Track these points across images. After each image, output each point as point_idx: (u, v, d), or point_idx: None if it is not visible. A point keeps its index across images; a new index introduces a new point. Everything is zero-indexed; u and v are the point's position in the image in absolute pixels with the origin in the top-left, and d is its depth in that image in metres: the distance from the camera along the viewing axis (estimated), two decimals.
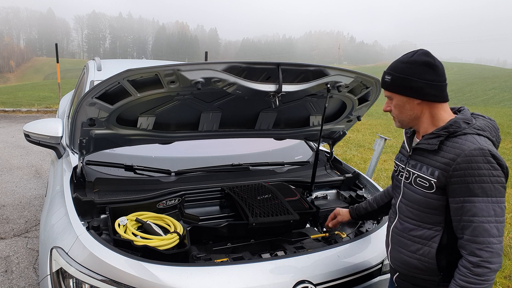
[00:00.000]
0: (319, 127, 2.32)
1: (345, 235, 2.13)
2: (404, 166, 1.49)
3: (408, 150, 1.49)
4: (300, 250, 1.89)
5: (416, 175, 1.41)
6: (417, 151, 1.43)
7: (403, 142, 1.57)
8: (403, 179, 1.49)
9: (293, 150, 3.02)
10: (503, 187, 1.26)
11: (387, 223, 1.63)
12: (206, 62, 1.69)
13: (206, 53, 8.20)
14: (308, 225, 2.26)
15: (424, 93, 1.33)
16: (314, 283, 1.61)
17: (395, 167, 1.58)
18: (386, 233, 1.60)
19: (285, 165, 2.70)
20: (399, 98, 1.38)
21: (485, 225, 1.23)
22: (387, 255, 1.58)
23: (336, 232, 2.13)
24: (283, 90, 1.84)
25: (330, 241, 2.03)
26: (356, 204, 1.97)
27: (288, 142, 2.96)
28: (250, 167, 2.53)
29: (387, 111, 1.46)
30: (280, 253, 1.88)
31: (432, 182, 1.34)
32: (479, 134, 1.30)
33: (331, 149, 2.82)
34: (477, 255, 1.23)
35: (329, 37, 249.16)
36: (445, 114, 1.37)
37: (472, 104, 25.85)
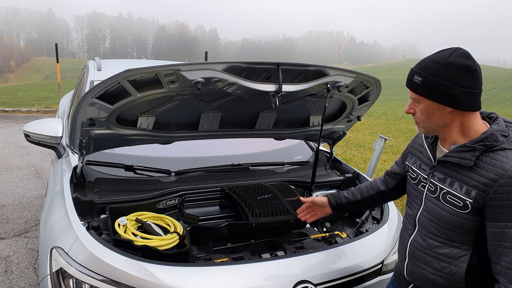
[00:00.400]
0: (319, 127, 2.32)
1: (345, 235, 2.13)
2: (426, 177, 1.36)
3: (432, 160, 1.35)
4: (300, 250, 1.89)
5: (445, 191, 1.27)
6: (446, 163, 1.28)
7: (420, 146, 1.44)
8: (425, 190, 1.36)
9: (293, 150, 3.02)
10: None
11: (400, 230, 1.51)
12: (206, 62, 1.69)
13: (206, 53, 8.20)
14: (308, 225, 2.26)
15: (459, 102, 1.17)
16: (314, 283, 1.61)
17: (412, 174, 1.45)
18: (400, 243, 1.49)
19: (285, 165, 2.70)
20: (429, 104, 1.22)
21: None
22: (403, 268, 1.45)
23: (336, 232, 2.13)
24: (283, 90, 1.84)
25: (330, 241, 2.03)
26: (337, 192, 1.81)
27: (288, 142, 2.96)
28: (250, 167, 2.53)
29: (410, 113, 1.31)
30: (280, 253, 1.88)
31: (467, 202, 1.20)
32: None
33: (331, 149, 2.82)
34: None
35: (329, 37, 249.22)
36: (477, 123, 1.23)
37: None
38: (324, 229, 2.28)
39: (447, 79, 1.16)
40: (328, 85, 1.96)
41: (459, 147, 1.23)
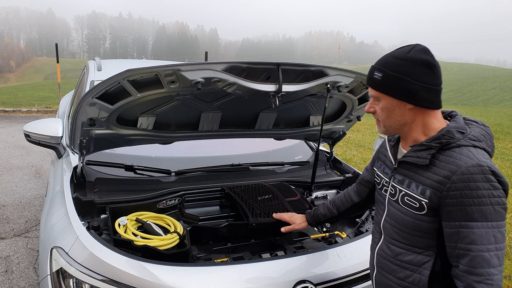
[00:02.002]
0: (319, 127, 2.32)
1: (345, 235, 2.13)
2: (388, 180, 1.31)
3: (393, 162, 1.31)
4: (300, 250, 1.89)
5: (403, 193, 1.23)
6: (404, 164, 1.24)
7: (385, 149, 1.40)
8: (387, 195, 1.31)
9: (293, 150, 3.02)
10: (504, 209, 1.09)
11: (370, 242, 1.46)
12: (206, 62, 1.69)
13: (206, 53, 8.20)
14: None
15: (419, 98, 1.14)
16: (314, 283, 1.61)
17: (377, 179, 1.39)
18: (370, 253, 1.44)
19: (285, 165, 2.70)
20: (389, 101, 1.18)
21: (485, 254, 1.06)
22: (372, 280, 1.41)
23: (336, 232, 2.13)
24: (283, 90, 1.84)
25: (330, 241, 2.03)
26: (314, 209, 1.78)
27: (288, 142, 2.96)
28: (250, 167, 2.53)
29: (370, 112, 1.26)
30: (280, 253, 1.88)
31: (423, 202, 1.16)
32: (475, 146, 1.13)
33: (331, 149, 2.82)
34: (474, 287, 1.07)
35: (329, 37, 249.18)
36: (437, 122, 1.19)
37: (472, 104, 25.85)
38: (324, 229, 2.28)
39: (407, 74, 1.13)
40: (328, 85, 1.96)
41: (416, 146, 1.20)
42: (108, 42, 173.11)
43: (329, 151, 2.85)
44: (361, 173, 2.59)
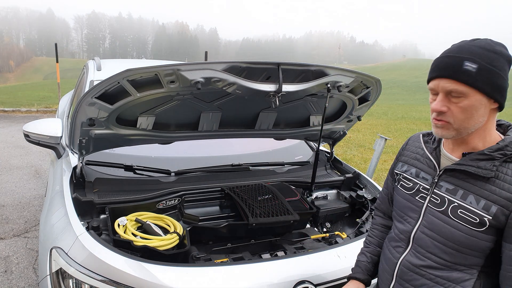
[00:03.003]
0: (319, 127, 2.32)
1: (345, 235, 2.13)
2: (428, 187, 1.18)
3: (437, 167, 1.17)
4: (300, 250, 1.89)
5: (456, 204, 1.09)
6: (457, 172, 1.11)
7: (419, 150, 1.27)
8: (425, 203, 1.18)
9: (293, 150, 3.01)
10: None
11: (382, 250, 1.35)
12: (206, 62, 1.68)
13: (206, 53, 8.18)
14: (308, 226, 2.26)
15: (505, 96, 1.03)
16: (314, 283, 1.61)
17: (406, 183, 1.27)
18: (385, 262, 1.31)
19: (285, 165, 2.69)
20: (478, 98, 1.01)
21: None
22: None
23: (336, 233, 2.13)
24: (283, 90, 1.83)
25: (330, 241, 2.03)
26: (362, 267, 1.46)
27: (288, 142, 2.96)
28: (250, 167, 2.52)
29: (442, 111, 1.05)
30: (280, 253, 1.87)
31: (485, 219, 1.04)
32: None
33: (331, 149, 2.81)
34: None
35: (329, 37, 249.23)
36: (494, 129, 1.09)
37: None
38: (324, 229, 2.27)
39: (501, 68, 1.00)
40: (328, 85, 1.96)
41: (474, 154, 1.07)
42: (107, 42, 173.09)
43: (329, 151, 2.84)
44: (361, 173, 2.60)
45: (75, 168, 2.13)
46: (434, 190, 1.16)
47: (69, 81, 21.16)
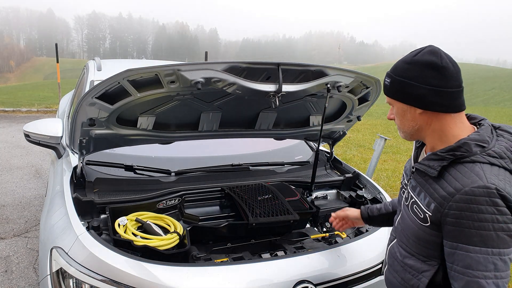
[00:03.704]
0: (319, 127, 2.32)
1: (345, 235, 2.13)
2: (406, 183, 1.29)
3: (413, 166, 1.25)
4: (300, 250, 1.89)
5: (413, 200, 1.19)
6: (419, 171, 1.20)
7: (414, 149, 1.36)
8: (403, 197, 1.29)
9: (293, 150, 3.02)
10: (508, 235, 0.99)
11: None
12: (206, 62, 1.68)
13: (206, 53, 8.20)
14: (308, 225, 2.26)
15: (428, 102, 1.08)
16: (314, 283, 1.61)
17: (402, 179, 1.38)
18: (386, 249, 1.44)
19: (285, 165, 2.70)
20: (399, 106, 1.16)
21: (481, 281, 1.00)
22: (384, 273, 1.44)
23: (336, 232, 2.13)
24: (283, 90, 1.83)
25: (330, 241, 2.03)
26: (369, 206, 1.72)
27: (288, 142, 2.96)
28: (250, 167, 2.53)
29: (391, 119, 1.24)
30: (280, 253, 1.88)
31: (426, 215, 1.12)
32: (492, 164, 1.03)
33: (331, 149, 2.82)
34: None
35: (329, 37, 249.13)
36: (456, 129, 1.11)
37: (472, 104, 25.87)
38: (324, 229, 2.28)
39: (412, 78, 1.09)
40: (328, 85, 1.96)
41: (430, 154, 1.14)
42: (108, 42, 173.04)
43: (329, 151, 2.84)
44: (361, 173, 2.61)
45: (75, 168, 2.13)
46: (408, 186, 1.26)
47: (69, 81, 21.17)
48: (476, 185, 1.00)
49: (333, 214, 1.82)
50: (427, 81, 1.08)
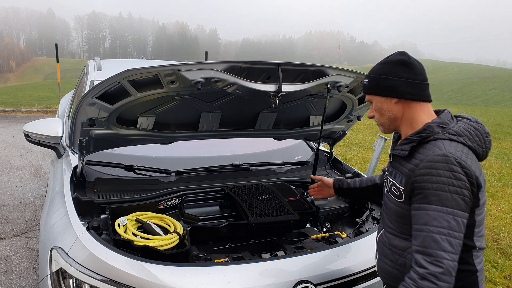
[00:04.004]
0: (319, 127, 2.32)
1: (345, 235, 2.13)
2: (387, 173, 1.44)
3: (389, 154, 1.43)
4: (300, 250, 1.89)
5: (391, 183, 1.36)
6: (395, 157, 1.37)
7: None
8: (384, 187, 1.46)
9: (293, 150, 3.02)
10: (463, 200, 1.15)
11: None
12: (206, 62, 1.68)
13: (206, 53, 8.18)
14: (308, 225, 2.26)
15: (400, 91, 1.28)
16: (314, 283, 1.61)
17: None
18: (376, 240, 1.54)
19: (285, 165, 2.70)
20: (377, 99, 1.35)
21: (435, 236, 1.13)
22: (376, 266, 1.52)
23: (336, 232, 2.14)
24: (283, 90, 1.83)
25: (330, 241, 2.03)
26: (342, 178, 1.97)
27: (288, 142, 2.96)
28: (250, 167, 2.53)
29: (371, 117, 1.41)
30: (280, 253, 1.88)
31: (401, 190, 1.28)
32: (451, 140, 1.22)
33: (331, 149, 2.82)
34: (423, 266, 1.13)
35: (329, 37, 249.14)
36: (424, 116, 1.30)
37: (472, 104, 25.86)
38: (324, 229, 2.28)
39: (386, 73, 1.30)
40: (328, 85, 1.96)
41: (402, 140, 1.32)
42: (108, 42, 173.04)
43: (329, 151, 2.85)
44: (361, 173, 2.61)
45: (75, 168, 2.13)
46: (387, 173, 1.43)
47: (69, 81, 21.18)
48: (436, 154, 1.18)
49: (312, 176, 2.08)
50: (399, 74, 1.29)
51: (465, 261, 1.22)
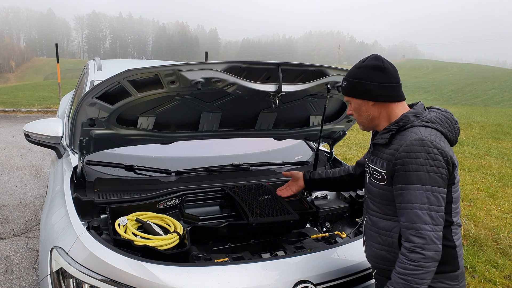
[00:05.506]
0: (319, 127, 2.32)
1: (345, 235, 2.13)
2: (368, 164, 1.55)
3: (370, 144, 1.56)
4: (300, 250, 1.89)
5: (373, 169, 1.47)
6: (375, 147, 1.50)
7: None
8: (367, 175, 1.56)
9: (293, 150, 3.02)
10: (440, 177, 1.29)
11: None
12: (206, 62, 1.68)
13: (206, 53, 8.19)
14: (308, 225, 2.27)
15: (376, 95, 1.40)
16: (314, 283, 1.61)
17: (365, 167, 1.64)
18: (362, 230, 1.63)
19: (285, 165, 2.70)
20: (355, 101, 1.46)
21: (418, 212, 1.27)
22: (365, 253, 1.60)
23: (336, 232, 2.14)
24: (283, 90, 1.84)
25: (330, 241, 2.03)
26: (312, 170, 2.05)
27: (288, 142, 2.96)
28: (250, 167, 2.53)
29: (350, 114, 1.54)
30: (280, 253, 1.88)
31: (383, 173, 1.41)
32: (425, 126, 1.36)
33: (331, 149, 2.82)
34: (410, 240, 1.27)
35: (329, 37, 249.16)
36: (399, 112, 1.43)
37: (472, 104, 25.85)
38: (324, 229, 2.28)
39: (363, 78, 1.41)
40: (328, 85, 1.96)
41: (382, 130, 1.44)
42: (108, 42, 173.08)
43: (329, 151, 2.85)
44: None
45: (75, 168, 2.14)
46: (368, 164, 1.54)
47: (69, 81, 21.18)
48: (413, 139, 1.32)
49: (283, 173, 2.18)
50: (373, 79, 1.40)
51: (445, 237, 1.34)
